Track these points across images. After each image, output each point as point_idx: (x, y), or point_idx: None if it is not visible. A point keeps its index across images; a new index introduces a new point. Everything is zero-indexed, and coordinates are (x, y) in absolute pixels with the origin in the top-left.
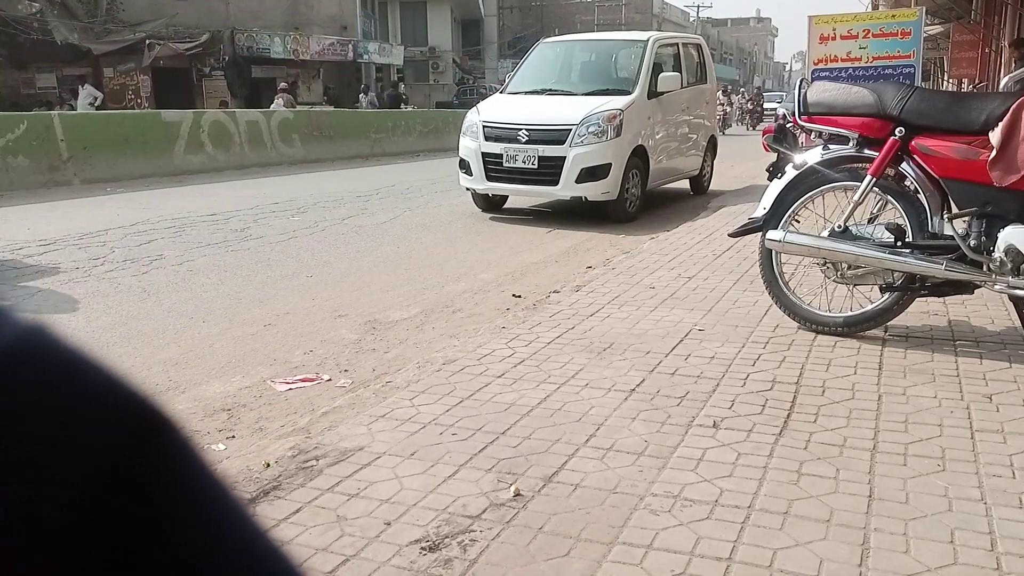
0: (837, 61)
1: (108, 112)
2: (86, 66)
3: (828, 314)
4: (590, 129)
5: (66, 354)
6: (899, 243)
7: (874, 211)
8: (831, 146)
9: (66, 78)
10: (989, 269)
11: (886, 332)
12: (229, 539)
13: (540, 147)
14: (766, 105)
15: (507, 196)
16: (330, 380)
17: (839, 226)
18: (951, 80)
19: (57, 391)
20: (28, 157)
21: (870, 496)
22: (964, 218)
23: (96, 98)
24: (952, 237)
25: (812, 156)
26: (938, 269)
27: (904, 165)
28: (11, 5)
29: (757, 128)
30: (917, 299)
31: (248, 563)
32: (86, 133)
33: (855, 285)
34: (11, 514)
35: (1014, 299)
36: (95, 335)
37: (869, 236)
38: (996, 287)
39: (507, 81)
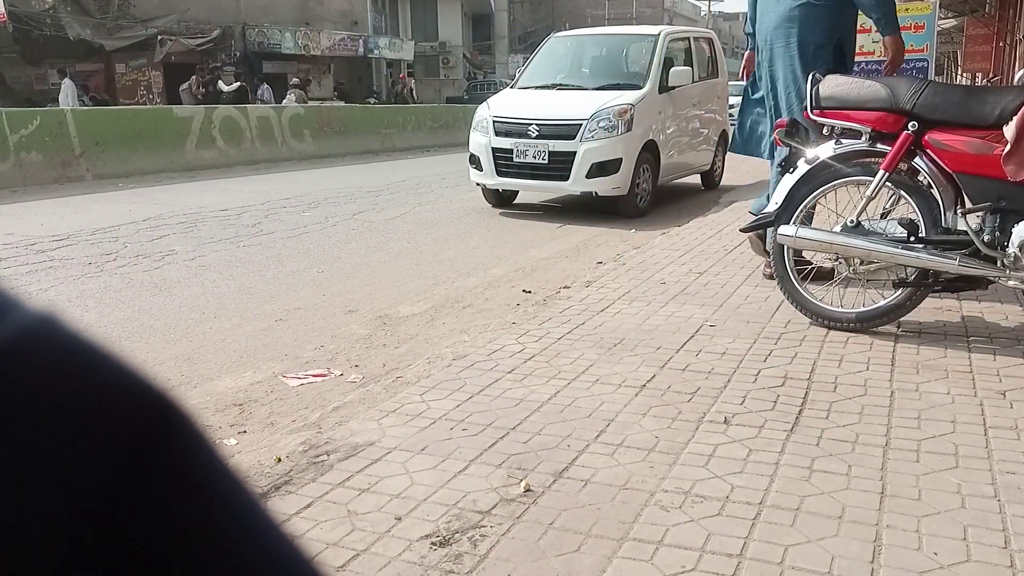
0: None
1: (120, 108)
2: (98, 62)
3: (840, 310)
4: (601, 124)
5: (76, 344)
6: (912, 238)
7: (887, 206)
8: (844, 141)
9: (78, 74)
10: (1003, 264)
11: (899, 328)
12: (243, 533)
13: (550, 142)
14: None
15: (517, 191)
16: (341, 375)
17: (852, 221)
18: (965, 74)
19: (67, 381)
20: (41, 153)
21: (882, 493)
22: (978, 213)
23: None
24: (966, 232)
25: (824, 151)
26: (951, 265)
27: (917, 160)
28: (24, 1)
29: None
30: (930, 295)
31: (263, 557)
32: (98, 129)
33: (868, 280)
34: (17, 510)
35: None
36: (107, 330)
37: (882, 231)
38: (1010, 283)
39: (517, 76)
